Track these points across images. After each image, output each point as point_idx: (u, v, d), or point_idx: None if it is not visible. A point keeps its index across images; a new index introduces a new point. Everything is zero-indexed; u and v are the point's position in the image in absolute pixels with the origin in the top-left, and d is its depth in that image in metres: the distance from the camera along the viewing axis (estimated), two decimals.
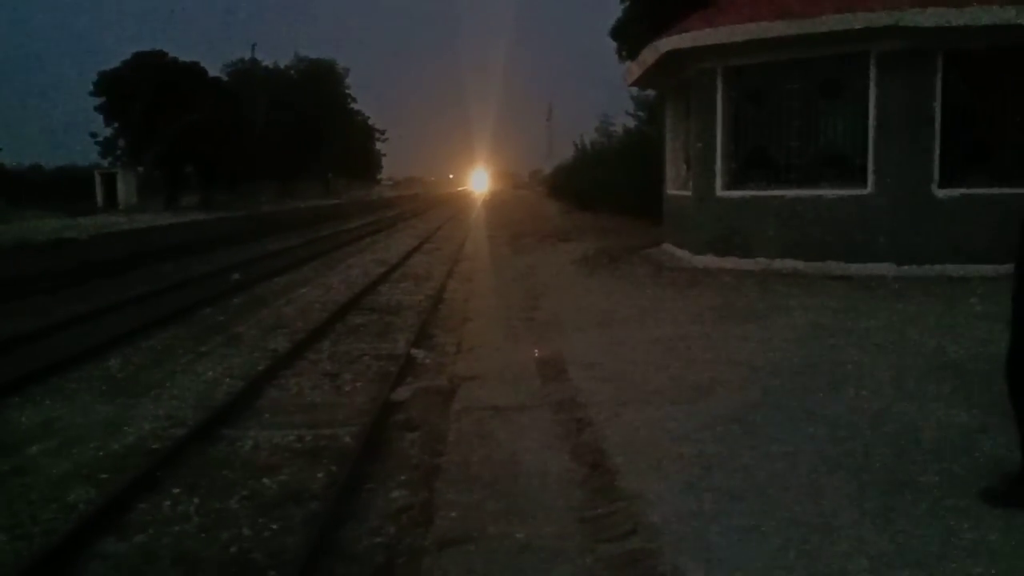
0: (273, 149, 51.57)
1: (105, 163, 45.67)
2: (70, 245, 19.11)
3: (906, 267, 10.89)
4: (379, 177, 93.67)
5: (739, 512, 3.63)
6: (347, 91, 70.01)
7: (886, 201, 11.11)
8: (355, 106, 72.15)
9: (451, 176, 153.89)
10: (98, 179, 43.11)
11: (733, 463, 4.27)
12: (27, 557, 4.06)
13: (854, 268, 11.05)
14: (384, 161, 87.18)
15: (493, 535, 3.52)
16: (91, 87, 45.39)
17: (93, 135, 46.68)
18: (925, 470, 4.10)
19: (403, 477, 5.12)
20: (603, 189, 26.81)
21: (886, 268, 10.94)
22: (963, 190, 10.89)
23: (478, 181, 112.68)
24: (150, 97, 41.73)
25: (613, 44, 26.44)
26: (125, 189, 42.25)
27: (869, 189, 11.21)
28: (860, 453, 4.39)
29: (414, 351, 8.66)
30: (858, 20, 10.58)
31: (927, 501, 3.72)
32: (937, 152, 10.89)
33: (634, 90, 25.48)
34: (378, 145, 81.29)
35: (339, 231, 30.28)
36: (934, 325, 7.77)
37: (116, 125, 45.91)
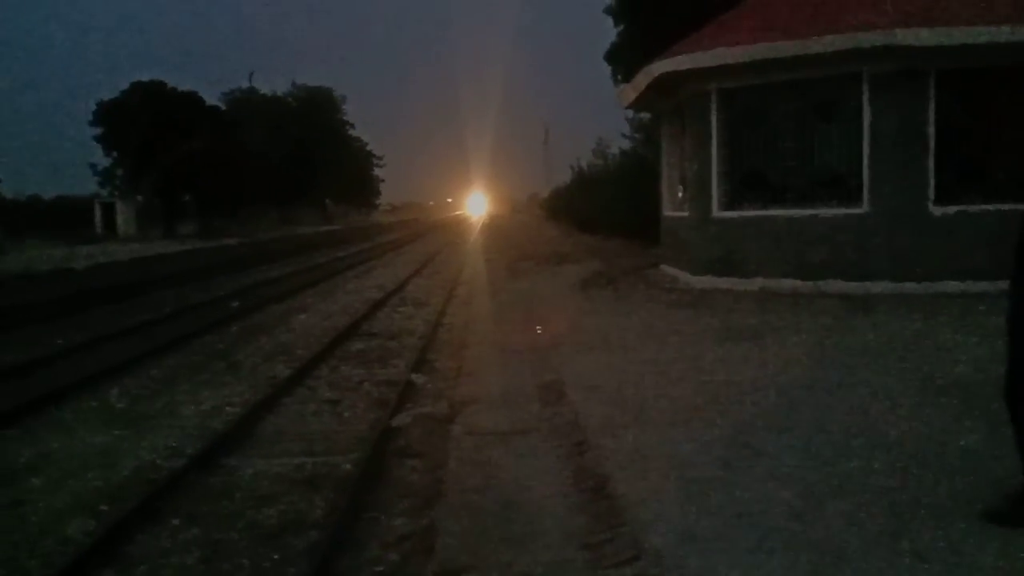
0: (271, 176, 51.86)
1: (104, 192, 45.86)
2: (69, 275, 19.12)
3: (903, 285, 10.91)
4: (377, 203, 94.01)
5: (742, 536, 3.61)
6: (345, 118, 70.51)
7: (882, 220, 11.15)
8: (353, 132, 72.63)
9: (449, 200, 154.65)
10: (97, 208, 43.30)
11: (735, 486, 4.25)
12: None
13: (852, 287, 11.07)
14: (382, 187, 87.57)
15: (494, 563, 3.49)
16: (90, 117, 45.69)
17: (92, 165, 46.97)
18: (929, 490, 4.08)
19: (404, 505, 5.09)
20: (601, 212, 26.91)
21: (883, 286, 10.96)
22: (959, 207, 10.94)
23: (476, 205, 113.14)
24: (148, 126, 42.02)
25: (608, 68, 26.65)
26: (124, 218, 42.42)
27: (865, 208, 11.25)
28: (862, 473, 4.37)
29: (413, 376, 8.65)
30: (851, 41, 10.69)
31: (932, 521, 3.70)
32: (932, 170, 10.96)
33: (630, 113, 25.68)
34: (376, 171, 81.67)
35: (337, 257, 30.32)
36: (933, 343, 7.77)
37: (115, 154, 46.16)
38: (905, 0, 11.19)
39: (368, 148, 77.49)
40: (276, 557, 4.46)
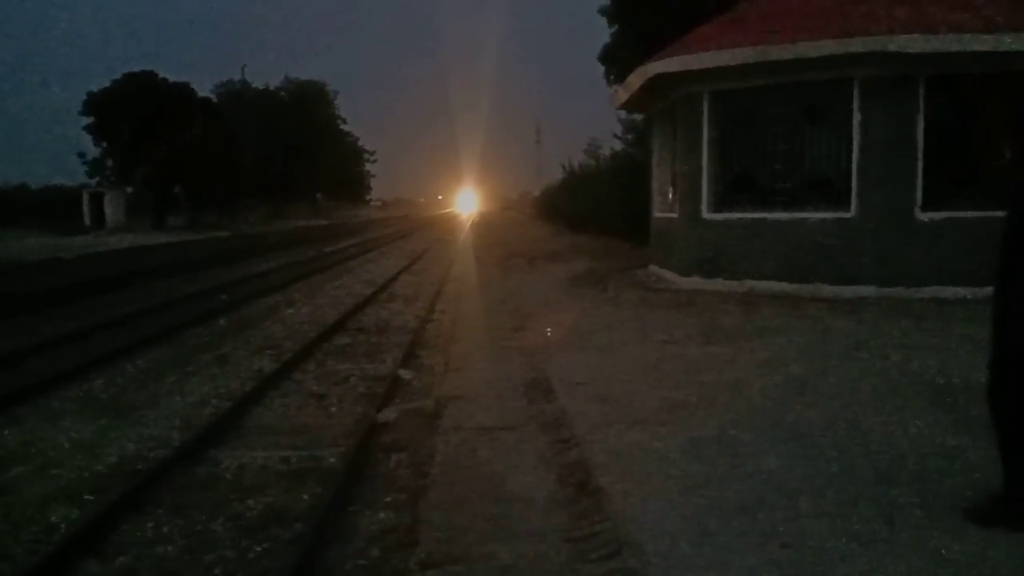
0: (262, 170, 51.69)
1: (93, 183, 45.58)
2: (57, 264, 19.02)
3: (890, 289, 10.98)
4: (368, 198, 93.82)
5: (723, 532, 3.65)
6: (337, 113, 70.33)
7: (870, 224, 11.22)
8: (344, 127, 72.43)
9: (440, 197, 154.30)
10: (86, 199, 43.00)
11: (717, 483, 4.28)
12: None
13: (838, 290, 11.14)
14: (373, 182, 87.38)
15: (478, 556, 3.51)
16: (80, 107, 45.42)
17: (81, 155, 46.68)
18: (909, 490, 4.13)
19: (388, 499, 5.10)
20: (592, 211, 26.97)
21: (870, 290, 11.04)
22: (946, 213, 11.02)
23: (467, 202, 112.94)
24: (139, 117, 41.81)
25: (602, 68, 26.73)
26: (113, 209, 42.16)
27: (853, 212, 11.33)
28: (844, 474, 4.41)
29: (401, 372, 8.66)
30: (842, 46, 10.76)
31: (911, 521, 3.74)
32: (920, 176, 11.04)
33: (622, 113, 25.73)
34: (367, 166, 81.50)
35: (327, 252, 30.27)
36: (917, 346, 7.83)
37: (105, 145, 45.89)
38: (896, 6, 11.28)
39: (360, 143, 77.40)
40: (260, 549, 4.46)
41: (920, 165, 11.03)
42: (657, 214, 15.39)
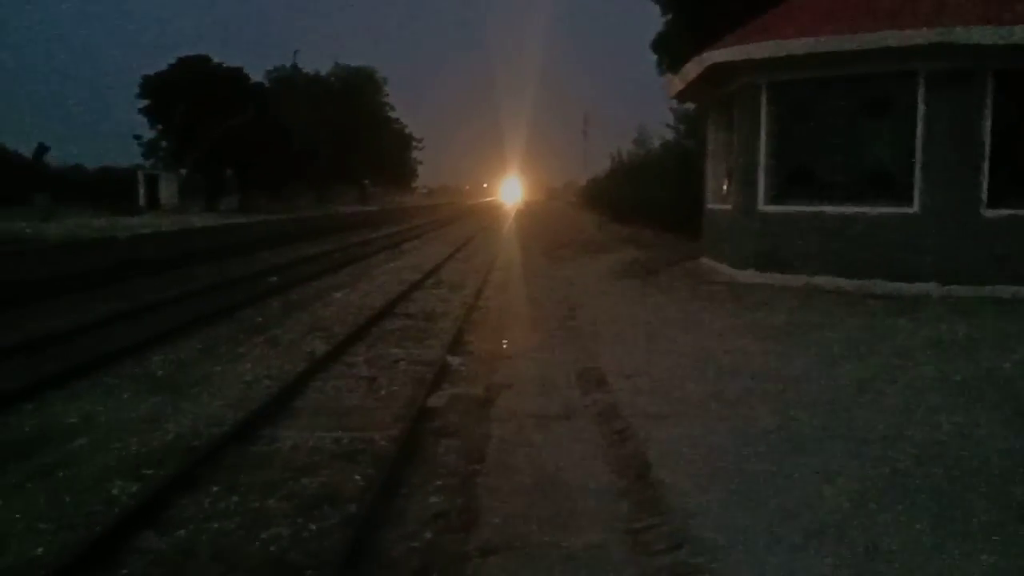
0: (311, 155, 52.19)
1: (147, 164, 46.48)
2: (114, 244, 19.45)
3: (951, 287, 10.69)
4: (414, 185, 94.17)
5: (787, 530, 3.56)
6: (385, 99, 70.61)
7: (932, 220, 10.92)
8: (392, 114, 72.72)
9: (485, 185, 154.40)
10: (141, 180, 43.83)
11: (778, 479, 4.19)
12: (72, 547, 4.10)
13: (897, 287, 10.87)
14: (419, 169, 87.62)
15: (537, 543, 3.48)
16: (136, 90, 46.31)
17: (137, 137, 47.60)
18: (978, 492, 3.99)
19: (439, 483, 5.09)
20: (640, 201, 26.71)
21: (931, 288, 10.75)
22: (1011, 211, 10.69)
23: (511, 191, 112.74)
24: (192, 101, 42.48)
25: (651, 57, 26.39)
26: (167, 190, 42.92)
27: (915, 208, 11.03)
28: (908, 473, 4.28)
29: (449, 358, 8.65)
30: (908, 38, 10.45)
31: (980, 523, 3.61)
32: (986, 172, 10.72)
33: (673, 103, 25.36)
34: (414, 153, 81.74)
35: (374, 237, 30.48)
36: (982, 346, 7.59)
37: (159, 128, 46.75)
38: None
39: (407, 131, 77.63)
40: (313, 528, 4.49)
41: (986, 161, 10.70)
42: (711, 206, 15.16)
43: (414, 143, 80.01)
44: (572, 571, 3.31)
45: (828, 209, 11.68)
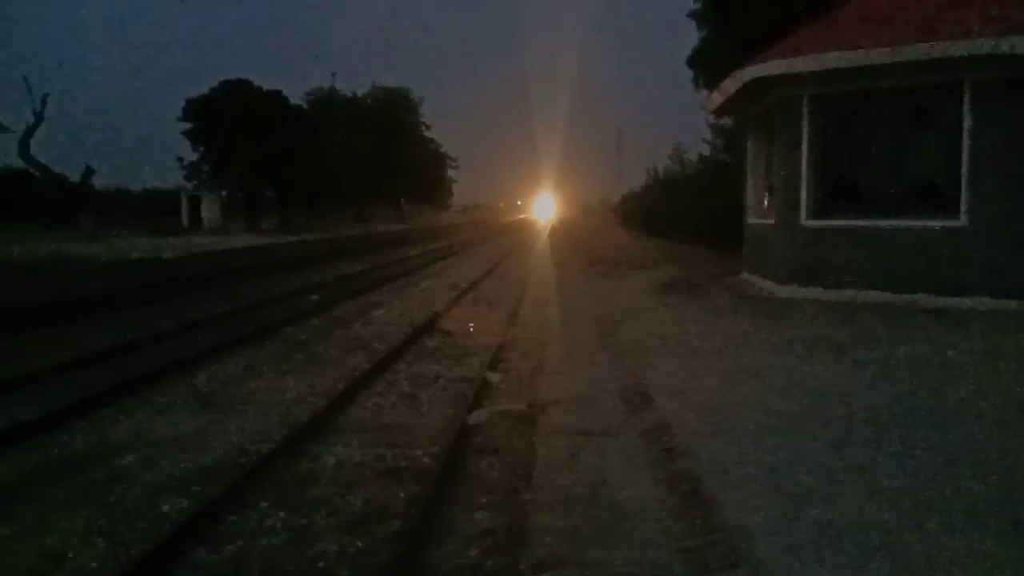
0: (349, 175, 52.82)
1: (190, 186, 47.42)
2: (160, 263, 19.84)
3: (1001, 301, 10.44)
4: (449, 203, 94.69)
5: (844, 550, 3.47)
6: (421, 119, 71.28)
7: (980, 233, 10.70)
8: (428, 134, 73.36)
9: (519, 203, 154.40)
10: (184, 201, 44.75)
11: (834, 498, 4.10)
12: (125, 563, 4.15)
13: (945, 301, 10.65)
14: (454, 188, 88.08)
15: (591, 561, 3.43)
16: (180, 113, 47.35)
17: (179, 159, 48.63)
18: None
19: (483, 499, 5.08)
20: (677, 217, 26.55)
21: (980, 302, 10.51)
22: None
23: (546, 208, 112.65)
24: (234, 123, 43.31)
25: (686, 71, 26.27)
26: (209, 211, 43.71)
27: (962, 221, 10.82)
28: (968, 493, 4.16)
29: (489, 374, 8.64)
30: (953, 49, 10.28)
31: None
32: None
33: (710, 118, 25.23)
34: (449, 172, 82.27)
35: (412, 255, 30.68)
36: None
37: (202, 149, 47.71)
38: (1010, 6, 10.71)
39: (442, 150, 78.21)
40: (360, 544, 4.50)
41: None
42: (752, 220, 15.02)
43: (449, 162, 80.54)
44: None
45: (872, 223, 11.49)
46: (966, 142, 10.76)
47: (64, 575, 4.21)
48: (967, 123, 10.73)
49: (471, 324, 12.64)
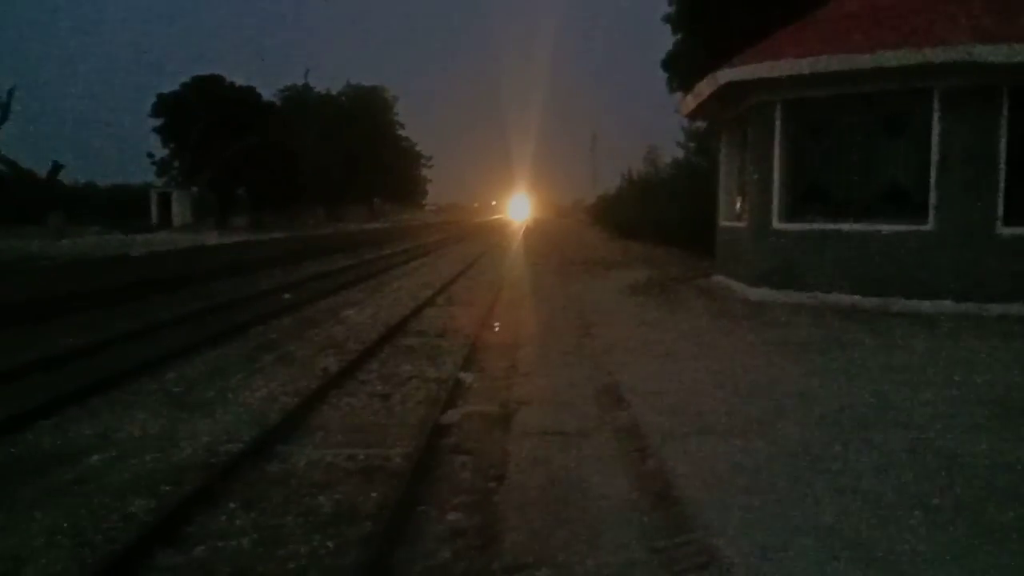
0: (322, 173, 52.51)
1: (160, 183, 46.86)
2: (127, 262, 19.56)
3: (967, 304, 10.63)
4: (424, 202, 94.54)
5: (814, 548, 3.51)
6: (396, 118, 71.09)
7: (948, 238, 10.88)
8: (402, 132, 73.19)
9: (494, 203, 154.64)
10: (154, 198, 44.22)
11: (803, 498, 4.14)
12: (91, 564, 4.08)
13: (913, 304, 10.82)
14: (429, 187, 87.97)
15: (563, 562, 3.43)
16: (150, 109, 46.80)
17: (150, 155, 48.05)
18: (1001, 508, 3.93)
19: (456, 500, 5.06)
20: (651, 219, 26.73)
21: (947, 305, 10.69)
22: None
23: (520, 209, 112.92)
24: (205, 120, 42.89)
25: (661, 75, 26.46)
26: (180, 208, 43.22)
27: (930, 225, 10.99)
28: (934, 492, 4.23)
29: (462, 375, 8.62)
30: (923, 56, 10.44)
31: (1007, 540, 3.56)
32: (1002, 189, 10.68)
33: (684, 121, 25.45)
34: (423, 171, 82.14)
35: (385, 254, 30.55)
36: (999, 365, 7.52)
37: (172, 146, 47.18)
38: (979, 15, 10.91)
39: (417, 148, 78.03)
40: (331, 545, 4.46)
41: (1002, 178, 10.66)
42: (724, 223, 15.15)
43: (423, 161, 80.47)
44: None
45: (843, 226, 11.64)
46: (934, 147, 10.93)
47: None
48: (936, 129, 10.91)
49: (445, 324, 12.60)
